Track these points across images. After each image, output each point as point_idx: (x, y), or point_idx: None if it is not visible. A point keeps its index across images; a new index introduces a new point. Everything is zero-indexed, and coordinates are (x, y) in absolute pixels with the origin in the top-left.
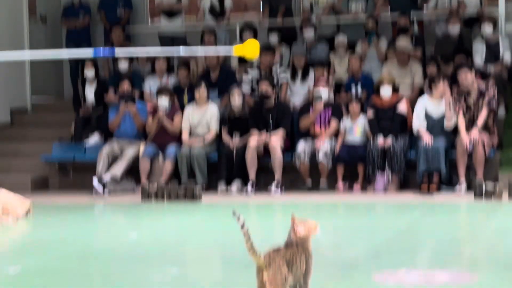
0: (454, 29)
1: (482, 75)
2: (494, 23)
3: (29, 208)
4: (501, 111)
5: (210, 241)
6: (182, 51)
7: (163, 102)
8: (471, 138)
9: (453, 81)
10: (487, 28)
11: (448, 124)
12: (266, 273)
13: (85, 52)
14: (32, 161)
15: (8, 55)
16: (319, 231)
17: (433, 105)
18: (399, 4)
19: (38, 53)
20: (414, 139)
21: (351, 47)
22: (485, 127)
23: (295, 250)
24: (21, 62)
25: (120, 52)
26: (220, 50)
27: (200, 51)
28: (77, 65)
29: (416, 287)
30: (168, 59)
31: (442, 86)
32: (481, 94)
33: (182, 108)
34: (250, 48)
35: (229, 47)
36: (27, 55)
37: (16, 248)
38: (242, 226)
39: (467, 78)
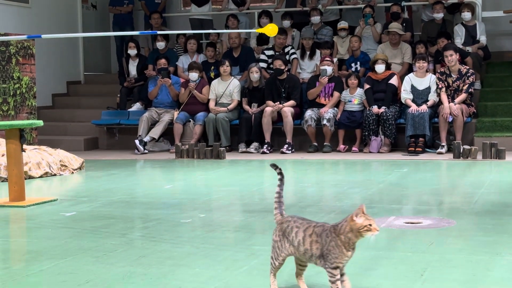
0: (438, 15)
1: (462, 54)
2: (472, 10)
3: (82, 164)
4: (477, 85)
5: (232, 191)
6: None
7: (194, 76)
8: (450, 110)
9: (437, 60)
10: (466, 15)
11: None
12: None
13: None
14: (85, 125)
15: (66, 35)
16: (373, 236)
17: (418, 80)
18: None
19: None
20: (403, 108)
21: (351, 30)
22: (464, 101)
23: (320, 230)
24: (76, 43)
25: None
26: (247, 30)
27: (233, 31)
28: (122, 45)
29: (403, 230)
30: (198, 40)
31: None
32: (460, 76)
33: (209, 81)
34: (271, 29)
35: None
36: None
37: (72, 196)
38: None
39: (452, 58)
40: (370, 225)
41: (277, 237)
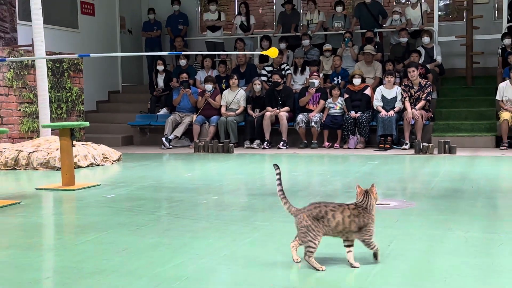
0: (404, 39)
1: (426, 70)
2: (431, 35)
3: (120, 156)
4: (434, 95)
5: (238, 178)
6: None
7: (209, 87)
8: (413, 115)
9: (404, 75)
10: (426, 39)
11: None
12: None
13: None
14: (122, 126)
15: (107, 54)
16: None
17: (387, 91)
18: (367, 22)
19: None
20: (375, 113)
21: (334, 51)
22: (423, 107)
23: (354, 212)
24: (115, 60)
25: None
26: (253, 53)
27: (241, 53)
28: (152, 62)
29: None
30: (213, 59)
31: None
32: (421, 87)
33: (221, 91)
34: (273, 51)
35: (258, 52)
36: (119, 54)
37: (111, 181)
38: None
39: (414, 73)
40: None
41: (308, 222)
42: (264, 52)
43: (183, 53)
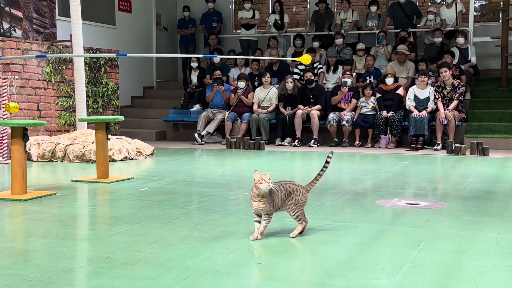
0: (438, 39)
1: (460, 71)
2: (466, 36)
3: (153, 151)
4: (468, 96)
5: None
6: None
7: (241, 84)
8: (445, 115)
9: (437, 75)
10: (460, 39)
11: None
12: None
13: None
14: (156, 121)
15: (142, 54)
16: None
17: (420, 91)
18: (400, 22)
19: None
20: (407, 113)
21: (367, 51)
22: (456, 107)
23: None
24: (150, 57)
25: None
26: (286, 59)
27: (274, 58)
28: (186, 59)
29: (404, 209)
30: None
31: (426, 80)
32: (454, 88)
33: (253, 88)
34: (306, 58)
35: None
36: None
37: (144, 175)
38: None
39: (446, 73)
40: (263, 179)
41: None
42: (297, 59)
43: (217, 56)
